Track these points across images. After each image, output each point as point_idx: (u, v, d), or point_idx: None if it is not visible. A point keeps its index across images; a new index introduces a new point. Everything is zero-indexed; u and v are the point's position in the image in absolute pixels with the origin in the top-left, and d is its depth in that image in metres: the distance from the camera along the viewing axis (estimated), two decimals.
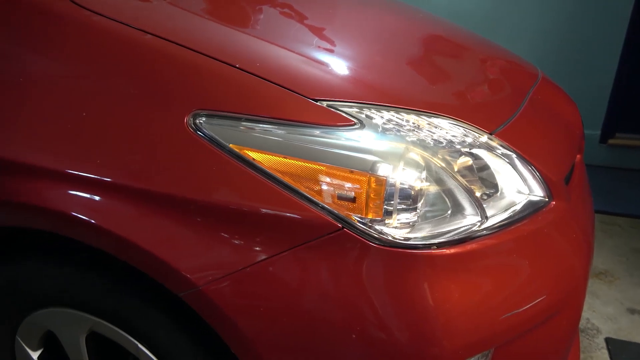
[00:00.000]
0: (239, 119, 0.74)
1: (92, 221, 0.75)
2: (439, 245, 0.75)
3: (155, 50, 0.79)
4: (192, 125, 0.73)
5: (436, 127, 0.83)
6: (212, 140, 0.73)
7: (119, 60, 0.79)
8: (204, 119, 0.74)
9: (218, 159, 0.73)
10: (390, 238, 0.74)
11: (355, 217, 0.73)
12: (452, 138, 0.82)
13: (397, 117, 0.80)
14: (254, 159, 0.73)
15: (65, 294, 0.85)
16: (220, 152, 0.73)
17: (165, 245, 0.74)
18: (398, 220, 0.75)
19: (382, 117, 0.79)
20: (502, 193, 0.86)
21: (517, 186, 0.88)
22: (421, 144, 0.78)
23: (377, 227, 0.74)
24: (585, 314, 1.81)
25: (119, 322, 0.83)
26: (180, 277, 0.74)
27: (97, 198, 0.76)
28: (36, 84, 0.79)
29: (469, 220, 0.80)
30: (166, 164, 0.74)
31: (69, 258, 0.85)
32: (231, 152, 0.73)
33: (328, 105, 0.77)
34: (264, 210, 0.73)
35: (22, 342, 0.95)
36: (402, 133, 0.78)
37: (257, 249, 0.74)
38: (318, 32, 1.07)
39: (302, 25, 1.09)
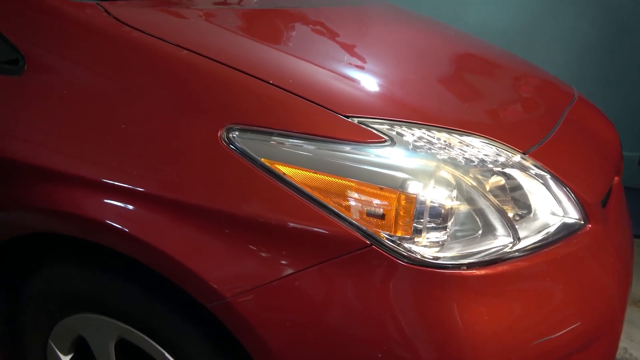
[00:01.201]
0: (271, 134, 0.75)
1: (125, 230, 0.77)
2: (469, 266, 0.74)
3: (192, 65, 0.82)
4: (225, 139, 0.75)
5: (468, 146, 0.82)
6: (244, 154, 0.74)
7: (156, 75, 0.82)
8: (237, 133, 0.75)
9: (249, 173, 0.74)
10: (419, 257, 0.73)
11: (383, 234, 0.73)
12: (484, 157, 0.81)
13: (428, 135, 0.80)
14: (284, 173, 0.73)
15: (97, 300, 0.87)
16: (252, 165, 0.74)
17: (194, 255, 0.75)
18: (427, 238, 0.74)
19: (413, 134, 0.79)
20: (535, 214, 0.84)
21: (551, 208, 0.85)
22: (452, 162, 0.78)
23: (405, 245, 0.73)
24: (623, 343, 1.73)
25: (148, 330, 0.84)
26: (208, 288, 0.74)
27: (130, 207, 0.78)
28: (78, 96, 0.82)
29: (501, 241, 0.78)
30: (198, 175, 0.76)
31: (103, 265, 0.87)
32: (262, 166, 0.74)
33: (359, 122, 0.77)
34: (292, 225, 0.73)
35: (54, 346, 0.98)
36: (433, 151, 0.78)
37: (285, 262, 0.74)
38: (350, 49, 1.08)
39: (334, 43, 1.11)
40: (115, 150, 0.79)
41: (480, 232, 0.78)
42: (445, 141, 0.81)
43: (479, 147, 0.83)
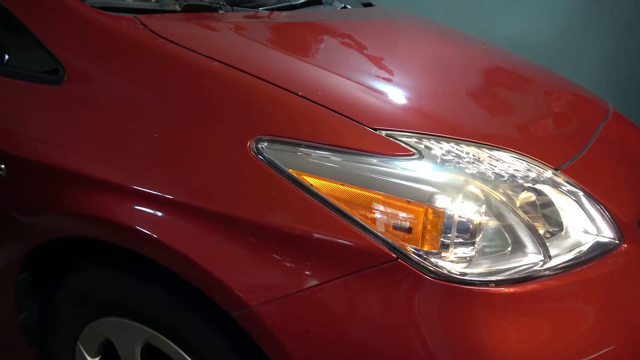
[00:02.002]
0: (299, 145, 0.76)
1: (154, 236, 0.78)
2: (498, 283, 0.72)
3: (222, 76, 0.83)
4: (254, 150, 0.76)
5: (497, 160, 0.81)
6: (272, 164, 0.75)
7: (188, 85, 0.84)
8: (265, 143, 0.76)
9: (277, 183, 0.74)
10: (445, 272, 0.72)
11: (410, 248, 0.72)
12: (515, 172, 0.80)
13: (456, 149, 0.79)
14: (311, 184, 0.74)
15: (126, 304, 0.89)
16: (279, 176, 0.74)
17: (220, 263, 0.76)
18: (455, 254, 0.73)
19: (441, 148, 0.78)
20: (567, 232, 0.81)
21: (584, 226, 0.83)
22: (481, 177, 0.76)
23: (432, 259, 0.72)
24: None
25: (174, 336, 0.85)
26: (233, 296, 0.75)
27: (159, 214, 0.79)
28: (114, 105, 0.85)
29: (531, 258, 0.76)
30: (226, 185, 0.77)
31: (133, 270, 0.89)
32: (290, 177, 0.74)
33: (387, 135, 0.77)
34: (317, 236, 0.73)
35: (82, 348, 1.00)
36: (461, 165, 0.77)
37: (309, 273, 0.74)
38: (378, 61, 1.08)
39: (363, 55, 1.11)
40: (148, 158, 0.81)
41: (509, 248, 0.77)
42: (474, 155, 0.80)
43: (509, 162, 0.81)
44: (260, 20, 1.20)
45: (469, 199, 0.74)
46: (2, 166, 0.89)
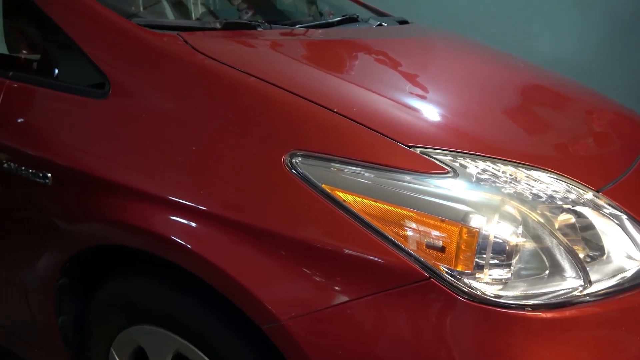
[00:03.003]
0: (332, 161, 0.76)
1: (188, 246, 0.80)
2: (534, 307, 0.70)
3: (259, 91, 0.85)
4: (288, 164, 0.77)
5: (535, 181, 0.79)
6: (305, 179, 0.75)
7: (225, 100, 0.86)
8: (300, 158, 0.77)
9: (310, 198, 0.75)
10: (479, 293, 0.70)
11: (443, 268, 0.71)
12: (553, 193, 0.78)
13: (492, 168, 0.78)
14: (344, 200, 0.74)
15: (159, 313, 0.91)
16: (313, 191, 0.75)
17: (251, 275, 0.77)
18: (490, 275, 0.71)
19: (476, 166, 0.77)
20: (608, 257, 0.78)
21: (628, 251, 0.80)
22: (518, 197, 0.75)
23: (466, 280, 0.70)
24: None
25: (203, 347, 0.86)
26: (264, 309, 0.75)
27: (193, 225, 0.81)
28: (155, 118, 0.88)
29: (570, 283, 0.74)
30: (260, 198, 0.78)
31: (168, 279, 0.90)
32: (323, 192, 0.74)
33: (421, 152, 0.77)
34: (349, 252, 0.73)
35: (115, 354, 1.02)
36: (497, 184, 0.76)
37: (339, 289, 0.74)
38: (413, 79, 1.08)
39: (398, 72, 1.12)
40: (185, 169, 0.83)
41: (547, 272, 0.74)
42: (511, 175, 0.78)
43: (547, 183, 0.79)
44: (297, 37, 1.22)
45: (505, 219, 0.73)
46: (49, 175, 0.93)
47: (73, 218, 0.94)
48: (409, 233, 0.72)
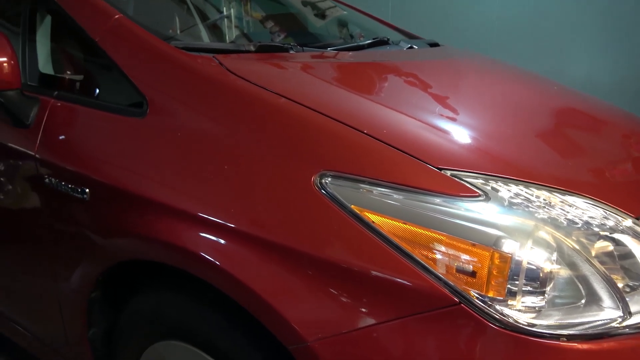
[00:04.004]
0: (362, 182, 0.76)
1: (217, 263, 0.81)
2: (570, 338, 0.68)
3: (290, 112, 0.86)
4: (318, 184, 0.77)
5: (570, 206, 0.77)
6: (334, 199, 0.76)
7: (257, 120, 0.88)
8: (329, 179, 0.77)
9: (338, 218, 0.75)
10: (511, 321, 0.68)
11: (473, 293, 0.69)
12: (590, 219, 0.75)
13: (526, 192, 0.76)
14: (373, 221, 0.74)
15: (187, 328, 0.92)
16: (341, 211, 0.75)
17: (278, 294, 0.77)
18: (522, 302, 0.69)
19: (509, 190, 0.76)
20: None
21: None
22: (553, 222, 0.73)
23: (497, 307, 0.69)
24: None
25: None
26: (291, 329, 0.75)
27: (222, 242, 0.82)
28: (190, 137, 0.90)
29: (607, 314, 0.71)
30: (289, 217, 0.78)
31: (197, 296, 0.91)
32: (352, 213, 0.74)
33: (452, 175, 0.76)
34: (376, 273, 0.73)
35: None
36: (530, 209, 0.74)
37: (366, 311, 0.73)
38: (444, 101, 1.08)
39: (429, 95, 1.12)
40: (216, 187, 0.84)
41: (583, 301, 0.72)
42: (545, 199, 0.76)
43: (583, 208, 0.77)
44: (328, 60, 1.24)
45: (539, 245, 0.71)
46: (87, 190, 0.97)
47: (108, 233, 0.97)
48: (439, 256, 0.71)
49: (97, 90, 1.07)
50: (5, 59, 1.02)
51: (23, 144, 1.09)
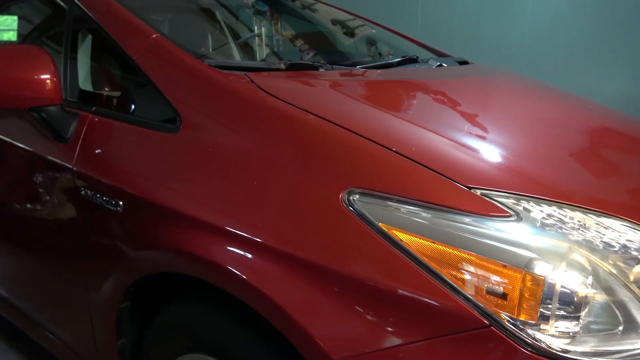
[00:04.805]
0: (390, 199, 0.76)
1: (244, 277, 0.82)
2: None
3: (319, 129, 0.87)
4: (346, 201, 0.77)
5: (607, 228, 0.74)
6: (362, 217, 0.76)
7: (286, 136, 0.89)
8: (357, 196, 0.77)
9: (366, 236, 0.75)
10: (544, 346, 0.66)
11: (504, 316, 0.67)
12: (627, 242, 0.73)
13: (559, 213, 0.74)
14: (401, 239, 0.73)
15: (213, 342, 0.92)
16: (369, 229, 0.75)
17: (304, 310, 0.76)
18: (556, 327, 0.67)
19: (541, 211, 0.74)
20: None
21: None
22: (588, 245, 0.71)
23: (530, 331, 0.67)
24: None
25: None
26: (316, 346, 0.75)
27: (249, 256, 0.83)
28: (221, 153, 0.92)
29: None
30: (316, 233, 0.79)
31: (223, 310, 0.92)
32: (379, 231, 0.74)
33: (482, 194, 0.75)
34: (404, 292, 0.72)
35: None
36: (564, 231, 0.72)
37: (392, 331, 0.72)
38: (473, 119, 1.07)
39: (458, 113, 1.11)
40: (245, 202, 0.85)
41: (620, 328, 0.69)
42: (579, 221, 0.74)
43: (620, 231, 0.74)
44: (356, 77, 1.25)
45: (573, 268, 0.69)
46: (120, 203, 1.00)
47: (139, 245, 0.99)
48: (468, 277, 0.70)
49: (133, 106, 1.10)
50: (48, 76, 1.07)
51: (62, 157, 1.14)
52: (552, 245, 0.70)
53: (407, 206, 0.75)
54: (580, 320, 0.68)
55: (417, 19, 3.27)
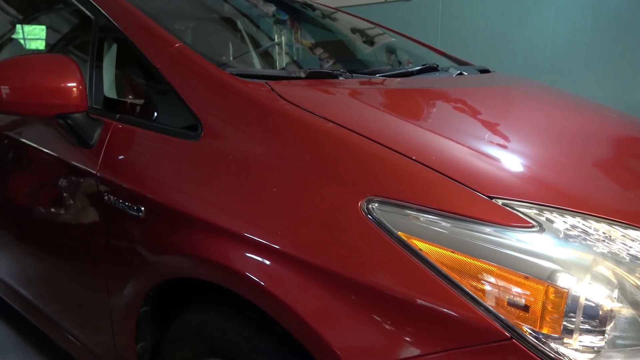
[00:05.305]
0: (410, 208, 0.75)
1: (262, 283, 0.82)
2: None
3: (339, 137, 0.87)
4: (365, 209, 0.77)
5: (633, 241, 0.72)
6: (381, 225, 0.75)
7: (305, 144, 0.89)
8: (376, 204, 0.77)
9: (384, 244, 0.74)
10: None
11: (526, 329, 0.66)
12: None
13: (583, 224, 0.73)
14: (420, 248, 0.72)
15: (229, 349, 0.93)
16: (388, 238, 0.74)
17: (321, 318, 0.76)
18: (580, 342, 0.65)
19: (565, 222, 0.73)
20: None
21: None
22: (613, 257, 0.69)
23: (552, 345, 0.65)
24: None
25: None
26: (333, 355, 0.74)
27: (268, 263, 0.83)
28: (241, 160, 0.93)
29: None
30: (335, 241, 0.78)
31: (241, 316, 0.92)
32: (398, 239, 0.74)
33: (503, 204, 0.74)
34: (422, 302, 0.71)
35: None
36: (588, 242, 0.70)
37: (411, 341, 0.71)
38: (494, 128, 1.05)
39: (479, 121, 1.10)
40: (265, 209, 0.86)
41: None
42: (604, 233, 0.72)
43: None
44: (376, 86, 1.25)
45: (598, 280, 0.67)
46: (142, 208, 1.01)
47: (159, 250, 1.00)
48: (488, 288, 0.69)
49: (156, 114, 1.12)
50: (74, 84, 1.10)
51: (86, 163, 1.16)
52: (576, 257, 0.69)
53: (426, 215, 0.74)
54: (605, 334, 0.66)
55: (437, 27, 3.26)
